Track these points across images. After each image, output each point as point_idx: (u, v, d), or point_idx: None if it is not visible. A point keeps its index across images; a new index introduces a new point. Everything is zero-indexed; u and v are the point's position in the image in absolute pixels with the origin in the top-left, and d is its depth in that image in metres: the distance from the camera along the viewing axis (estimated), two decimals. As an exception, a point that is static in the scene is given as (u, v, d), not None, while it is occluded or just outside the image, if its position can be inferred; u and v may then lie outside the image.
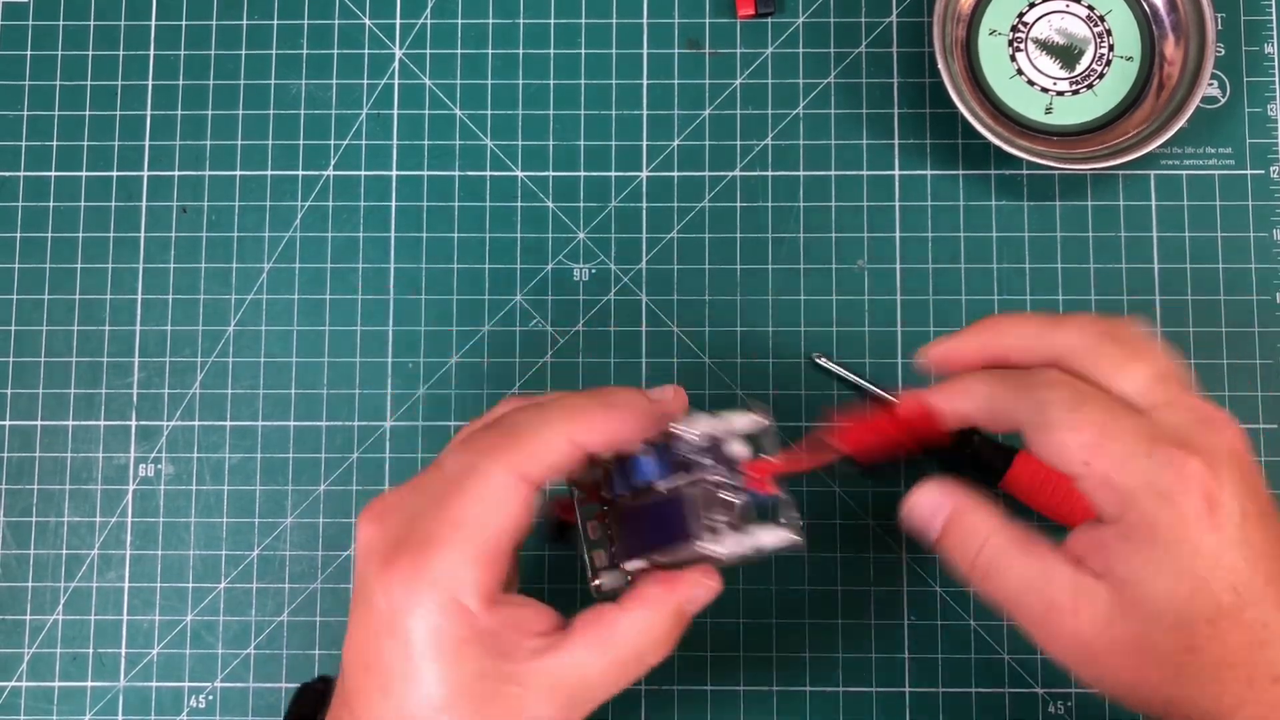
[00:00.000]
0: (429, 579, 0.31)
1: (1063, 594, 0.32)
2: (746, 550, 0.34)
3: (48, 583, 0.48)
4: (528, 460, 0.32)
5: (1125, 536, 0.31)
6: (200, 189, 0.50)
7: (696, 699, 0.47)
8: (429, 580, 0.31)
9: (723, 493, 0.34)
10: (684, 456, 0.34)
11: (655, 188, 0.49)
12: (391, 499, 0.34)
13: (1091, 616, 0.32)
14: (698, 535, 0.33)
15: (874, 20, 0.50)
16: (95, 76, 0.50)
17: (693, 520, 0.33)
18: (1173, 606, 0.31)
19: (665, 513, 0.34)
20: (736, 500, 0.35)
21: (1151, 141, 0.46)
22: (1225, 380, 0.48)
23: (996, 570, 0.33)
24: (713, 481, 0.34)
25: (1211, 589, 0.31)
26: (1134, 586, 0.31)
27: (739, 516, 0.35)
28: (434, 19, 0.50)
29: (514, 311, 0.49)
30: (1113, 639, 0.32)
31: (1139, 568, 0.31)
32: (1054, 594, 0.32)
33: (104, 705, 0.47)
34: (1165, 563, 0.31)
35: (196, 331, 0.49)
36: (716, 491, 0.34)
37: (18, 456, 0.48)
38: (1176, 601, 0.31)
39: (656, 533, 0.34)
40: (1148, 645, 0.31)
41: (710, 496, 0.34)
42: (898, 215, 0.49)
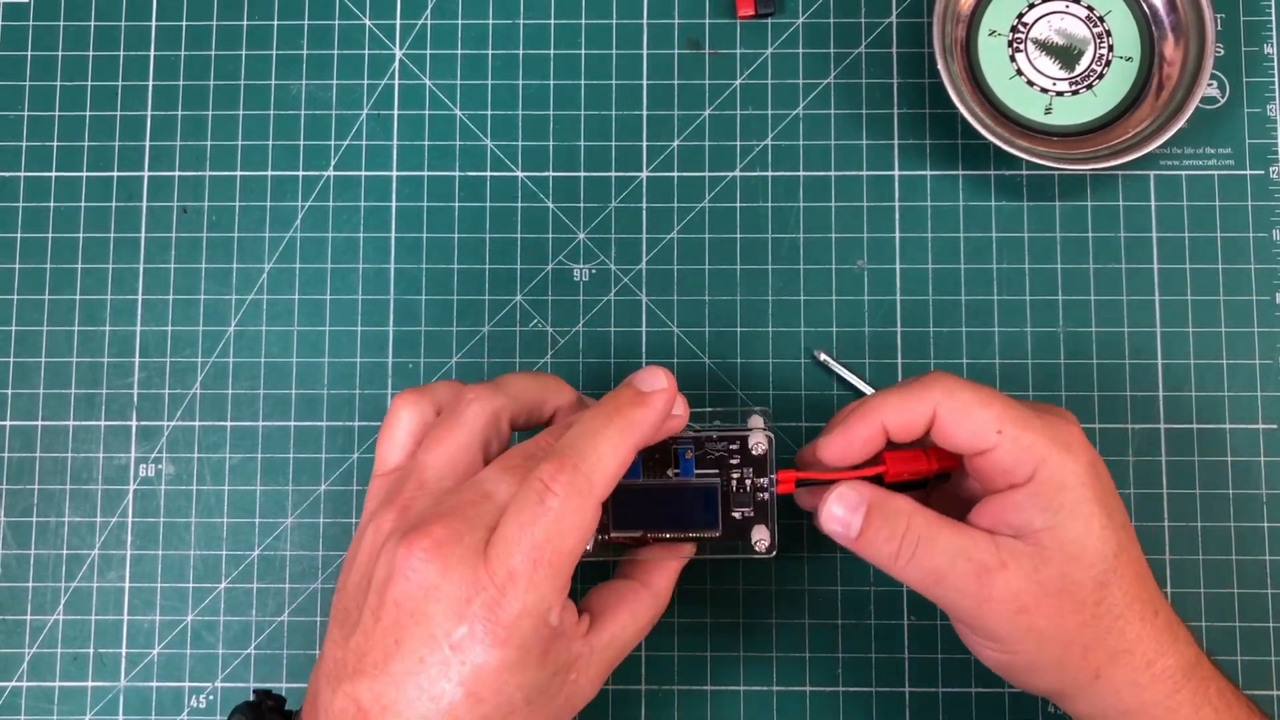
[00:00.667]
0: (519, 610, 0.32)
1: (990, 556, 0.36)
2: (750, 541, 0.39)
3: (48, 583, 0.48)
4: (598, 486, 0.34)
5: (1038, 491, 0.36)
6: (201, 189, 0.50)
7: (696, 699, 0.47)
8: (519, 612, 0.32)
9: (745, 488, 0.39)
10: (716, 453, 0.38)
11: (655, 188, 0.49)
12: (440, 532, 0.33)
13: (1018, 569, 0.35)
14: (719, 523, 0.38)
15: (874, 21, 0.50)
16: (96, 77, 0.50)
17: (724, 508, 0.39)
18: (1088, 545, 0.35)
19: (694, 499, 0.38)
20: (764, 495, 0.39)
21: (1151, 142, 0.46)
22: (1225, 380, 0.48)
23: (924, 546, 0.36)
24: (737, 478, 0.39)
25: (1113, 527, 0.36)
26: (1052, 533, 0.35)
27: (757, 511, 0.39)
28: (434, 19, 0.50)
29: (514, 312, 0.49)
30: (1041, 585, 0.35)
31: (1053, 516, 0.35)
32: (982, 557, 0.36)
33: (104, 705, 0.47)
34: (1078, 507, 0.36)
35: (197, 332, 0.49)
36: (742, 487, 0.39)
37: (18, 456, 0.48)
38: (1090, 540, 0.35)
39: (678, 515, 0.39)
40: (1071, 586, 0.35)
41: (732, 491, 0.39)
42: (897, 215, 0.49)
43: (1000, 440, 0.36)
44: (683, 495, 0.39)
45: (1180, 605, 0.47)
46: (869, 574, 0.47)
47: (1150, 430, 0.48)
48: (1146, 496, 0.47)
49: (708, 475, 0.39)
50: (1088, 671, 0.36)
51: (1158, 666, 0.36)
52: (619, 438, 0.35)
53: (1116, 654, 0.36)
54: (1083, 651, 0.36)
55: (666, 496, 0.39)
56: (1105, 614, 0.36)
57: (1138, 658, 0.36)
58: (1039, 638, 0.36)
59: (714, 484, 0.39)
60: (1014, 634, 0.36)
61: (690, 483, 0.39)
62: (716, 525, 0.39)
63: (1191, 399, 0.48)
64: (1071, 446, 0.36)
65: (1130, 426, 0.48)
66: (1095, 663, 0.36)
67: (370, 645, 0.33)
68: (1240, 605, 0.47)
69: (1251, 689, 0.46)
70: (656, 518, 0.39)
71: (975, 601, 0.36)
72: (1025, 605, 0.36)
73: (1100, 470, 0.37)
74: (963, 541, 0.36)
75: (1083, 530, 0.35)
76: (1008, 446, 0.36)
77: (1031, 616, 0.36)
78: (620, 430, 0.35)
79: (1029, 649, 0.36)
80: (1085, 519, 0.36)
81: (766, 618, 0.47)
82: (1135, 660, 0.36)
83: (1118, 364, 0.48)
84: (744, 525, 0.39)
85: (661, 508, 0.39)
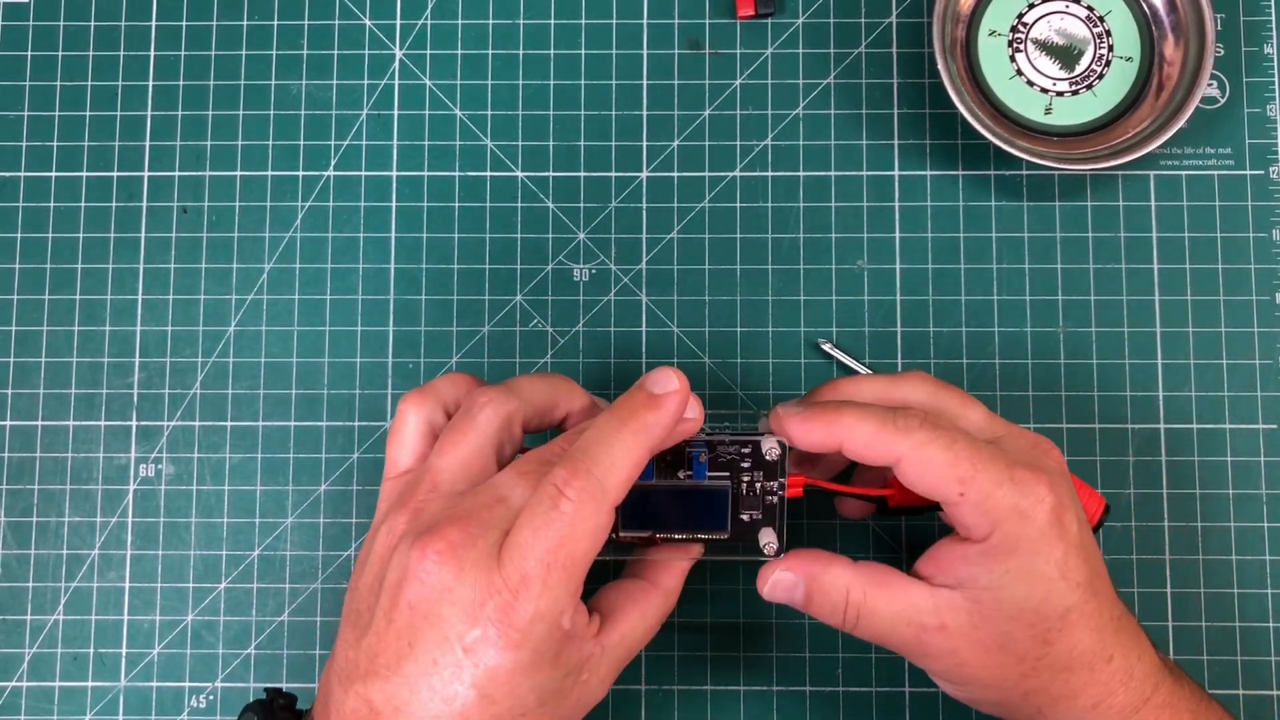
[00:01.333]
0: (533, 614, 0.32)
1: (927, 616, 0.37)
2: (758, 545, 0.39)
3: (48, 583, 0.48)
4: (611, 491, 0.34)
5: (989, 552, 0.36)
6: (201, 189, 0.50)
7: (696, 699, 0.47)
8: (532, 616, 0.32)
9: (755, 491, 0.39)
10: (728, 456, 0.38)
11: (655, 188, 0.49)
12: (454, 534, 0.33)
13: (956, 625, 0.36)
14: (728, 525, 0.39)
15: (874, 21, 0.50)
16: (96, 77, 0.50)
17: (733, 511, 0.39)
18: (1030, 607, 0.36)
19: (704, 501, 0.39)
20: (773, 499, 0.39)
21: (1151, 142, 0.46)
22: (1225, 380, 0.48)
23: (864, 616, 0.37)
24: (748, 481, 0.39)
25: (1063, 589, 0.36)
26: (995, 592, 0.36)
27: (765, 514, 0.39)
28: (434, 20, 0.50)
29: (514, 312, 0.49)
30: (978, 641, 0.36)
31: (1000, 577, 0.36)
32: (920, 619, 0.37)
33: (104, 705, 0.47)
34: (1025, 571, 0.36)
35: (197, 332, 0.49)
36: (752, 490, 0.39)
37: (18, 456, 0.48)
38: (1033, 602, 0.36)
39: (688, 517, 0.39)
40: (1009, 643, 0.36)
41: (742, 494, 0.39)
42: (897, 215, 0.49)
43: (961, 502, 0.36)
44: (693, 497, 0.39)
45: (1180, 605, 0.47)
46: (869, 574, 0.47)
47: (1150, 430, 0.48)
48: (1146, 496, 0.47)
49: (718, 478, 0.39)
50: (1029, 709, 0.37)
51: (1104, 705, 0.37)
52: (632, 442, 0.35)
53: (1058, 699, 0.37)
54: (1023, 696, 0.37)
55: (677, 498, 0.39)
56: (1048, 667, 0.36)
57: (1082, 700, 0.37)
58: (982, 684, 0.37)
59: (725, 486, 0.38)
60: (957, 678, 0.38)
61: (701, 485, 0.39)
62: (725, 527, 0.39)
63: (1191, 399, 0.48)
64: (1029, 511, 0.36)
65: (1130, 427, 0.48)
66: (1037, 703, 0.37)
67: (383, 646, 0.33)
68: (1240, 605, 0.47)
69: (1251, 689, 0.46)
70: (666, 518, 0.39)
71: (917, 657, 0.38)
72: (963, 660, 0.37)
73: (1065, 524, 0.36)
74: (900, 606, 0.37)
75: (1024, 593, 0.36)
76: (966, 509, 0.36)
77: (970, 669, 0.37)
78: (633, 434, 0.35)
79: (974, 692, 0.38)
80: (1030, 582, 0.36)
81: (766, 618, 0.47)
82: (1080, 703, 0.37)
83: (1118, 364, 0.48)
84: (752, 528, 0.39)
85: (671, 508, 0.39)
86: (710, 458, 0.39)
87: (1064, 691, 0.37)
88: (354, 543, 0.48)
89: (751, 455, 0.39)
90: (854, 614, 0.37)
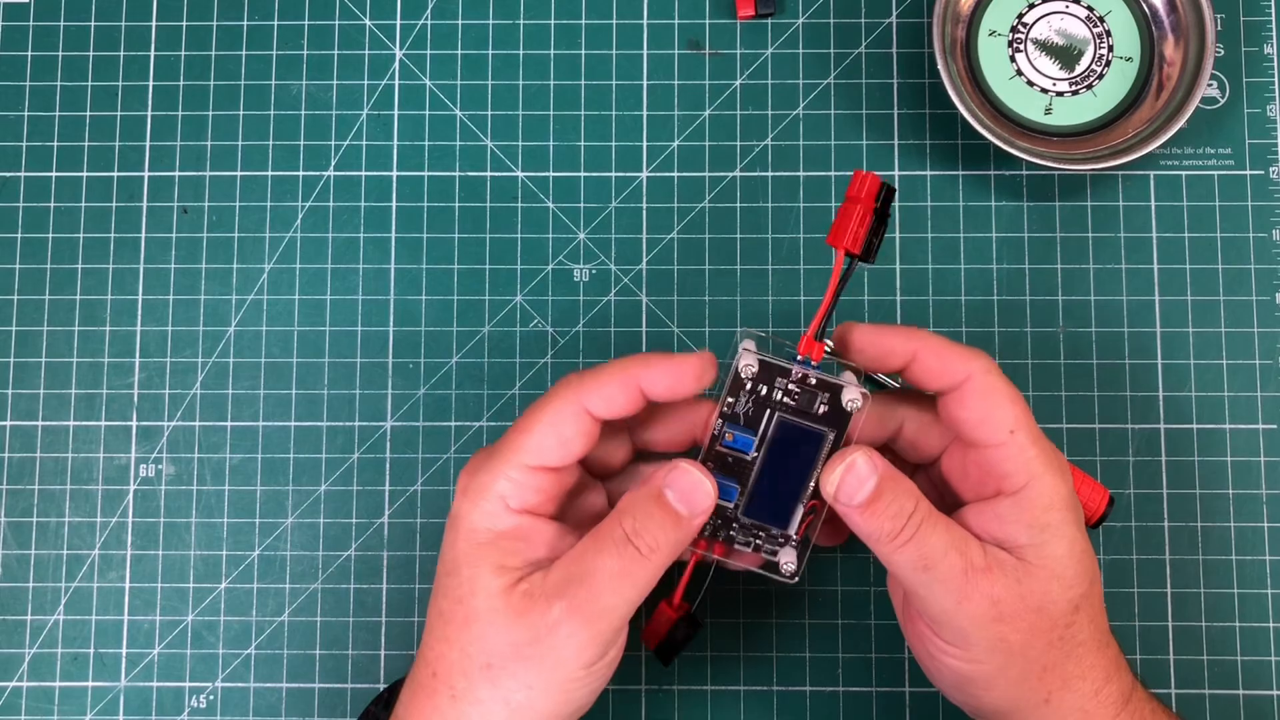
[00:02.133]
0: (485, 475, 0.35)
1: (979, 556, 0.36)
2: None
3: (48, 583, 0.48)
4: (589, 394, 0.35)
5: (1024, 506, 0.36)
6: (201, 189, 0.50)
7: (696, 699, 0.47)
8: (485, 475, 0.35)
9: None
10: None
11: (655, 188, 0.49)
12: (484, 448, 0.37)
13: (1003, 575, 0.35)
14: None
15: (874, 21, 0.50)
16: (96, 77, 0.50)
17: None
18: (1070, 566, 0.36)
19: (798, 442, 0.37)
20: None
21: (1151, 142, 0.46)
22: (1225, 380, 0.48)
23: (924, 530, 0.36)
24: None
25: (1089, 556, 0.36)
26: (1038, 550, 0.36)
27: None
28: (434, 20, 0.50)
29: (514, 312, 0.49)
30: (1022, 597, 0.35)
31: (1039, 533, 0.36)
32: (972, 555, 0.36)
33: (105, 705, 0.47)
34: (1062, 529, 0.36)
35: (197, 332, 0.49)
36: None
37: (18, 457, 0.48)
38: (1072, 562, 0.36)
39: (790, 469, 0.37)
40: (1049, 604, 0.36)
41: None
42: (897, 215, 0.49)
43: (1009, 441, 0.36)
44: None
45: (1180, 606, 0.47)
46: (869, 574, 0.47)
47: (1150, 430, 0.48)
48: (1146, 497, 0.47)
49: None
50: (1041, 693, 0.36)
51: (1103, 693, 0.37)
52: (629, 364, 0.36)
53: (1070, 679, 0.36)
54: (1041, 672, 0.36)
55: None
56: (1071, 638, 0.36)
57: (1088, 684, 0.37)
58: (1007, 650, 0.36)
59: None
60: (983, 641, 0.36)
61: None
62: (807, 483, 0.37)
63: (1191, 399, 0.48)
64: (1064, 470, 0.36)
65: (1130, 427, 0.48)
66: (1050, 685, 0.36)
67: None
68: (1240, 605, 0.47)
69: (1251, 689, 0.46)
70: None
71: (956, 599, 0.35)
72: (1003, 614, 0.35)
73: (1078, 502, 0.37)
74: (956, 535, 0.36)
75: (1066, 551, 0.36)
76: (1012, 451, 0.36)
77: (1005, 627, 0.35)
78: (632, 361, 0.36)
79: (994, 661, 0.36)
80: (1069, 541, 0.36)
81: (767, 618, 0.47)
82: (1085, 687, 0.37)
83: (1118, 364, 0.48)
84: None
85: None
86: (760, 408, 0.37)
87: (1076, 670, 0.36)
88: (354, 543, 0.48)
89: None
90: (915, 524, 0.35)
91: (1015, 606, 0.35)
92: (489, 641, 0.35)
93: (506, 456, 0.35)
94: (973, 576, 0.35)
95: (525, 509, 0.36)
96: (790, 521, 0.38)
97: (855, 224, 0.35)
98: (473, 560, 0.35)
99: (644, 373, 0.36)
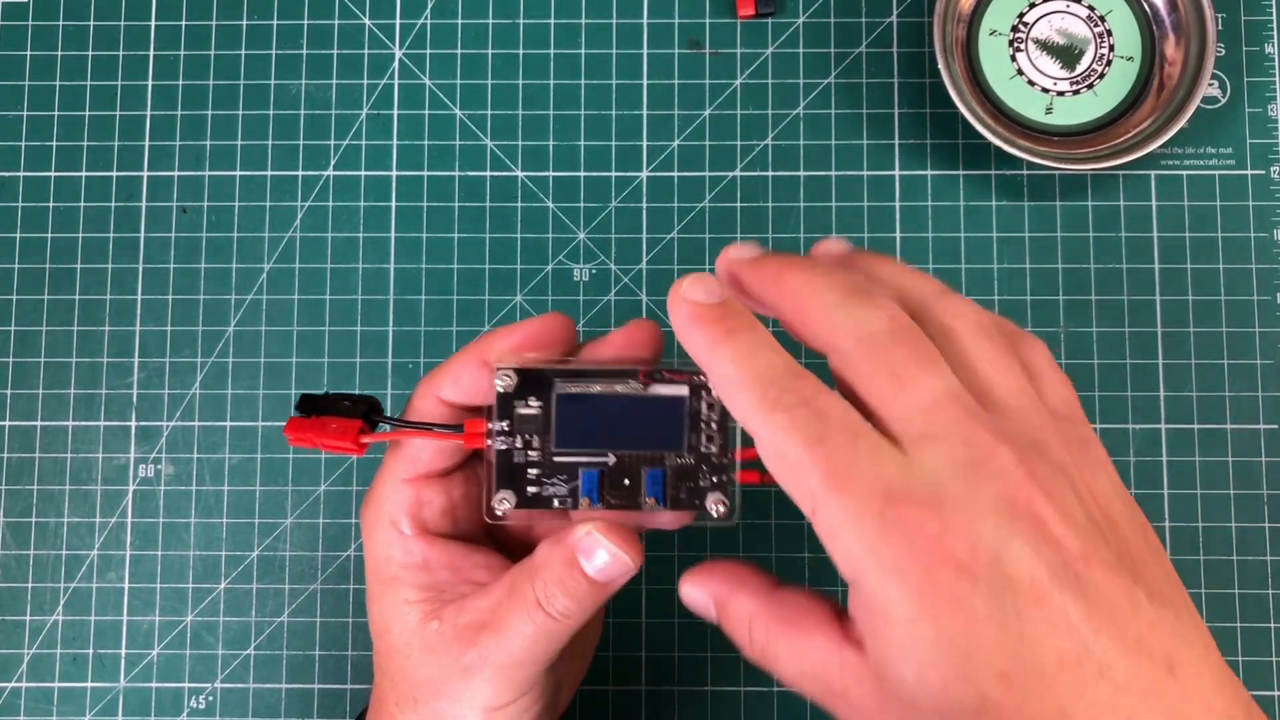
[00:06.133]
0: (374, 504, 0.34)
1: (833, 675, 0.27)
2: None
3: (48, 583, 0.48)
4: (439, 383, 0.34)
5: (865, 608, 0.26)
6: (200, 189, 0.49)
7: (697, 699, 0.47)
8: (374, 505, 0.34)
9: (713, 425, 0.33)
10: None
11: (655, 188, 0.49)
12: None
13: (860, 697, 0.27)
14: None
15: (874, 20, 0.50)
16: (95, 77, 0.50)
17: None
18: (926, 695, 0.25)
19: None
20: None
21: (1152, 142, 0.46)
22: (1225, 380, 0.48)
23: (771, 658, 0.29)
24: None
25: (970, 678, 0.25)
26: (884, 667, 0.26)
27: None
28: (434, 19, 0.50)
29: (514, 312, 0.49)
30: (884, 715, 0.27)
31: (882, 647, 0.26)
32: (825, 676, 0.28)
33: (104, 706, 0.47)
34: (907, 646, 0.25)
35: (196, 332, 0.49)
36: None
37: (18, 457, 0.48)
38: (930, 690, 0.25)
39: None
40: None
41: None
42: (898, 215, 0.49)
43: (815, 522, 0.26)
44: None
45: (1181, 606, 0.47)
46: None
47: (1151, 430, 0.48)
48: (1147, 497, 0.47)
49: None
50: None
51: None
52: (475, 344, 0.33)
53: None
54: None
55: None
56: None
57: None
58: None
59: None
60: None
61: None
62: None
63: (1193, 399, 0.48)
64: (904, 564, 0.25)
65: (1131, 427, 0.48)
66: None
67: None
68: (1241, 606, 0.47)
69: (1252, 689, 0.46)
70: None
71: (837, 716, 0.28)
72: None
73: (973, 591, 0.25)
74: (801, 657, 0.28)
75: (914, 677, 0.25)
76: (822, 534, 0.26)
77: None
78: (479, 340, 0.33)
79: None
80: (918, 665, 0.25)
81: (767, 618, 0.47)
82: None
83: (1119, 364, 0.48)
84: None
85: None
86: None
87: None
88: (354, 543, 0.48)
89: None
90: (759, 652, 0.29)
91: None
92: (410, 674, 0.34)
93: (384, 478, 0.34)
94: (833, 704, 0.28)
95: (421, 530, 0.34)
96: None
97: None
98: (382, 595, 0.34)
99: (486, 348, 0.33)
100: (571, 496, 0.33)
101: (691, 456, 0.32)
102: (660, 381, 0.33)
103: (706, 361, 0.29)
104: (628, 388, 0.33)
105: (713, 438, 0.32)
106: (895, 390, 0.27)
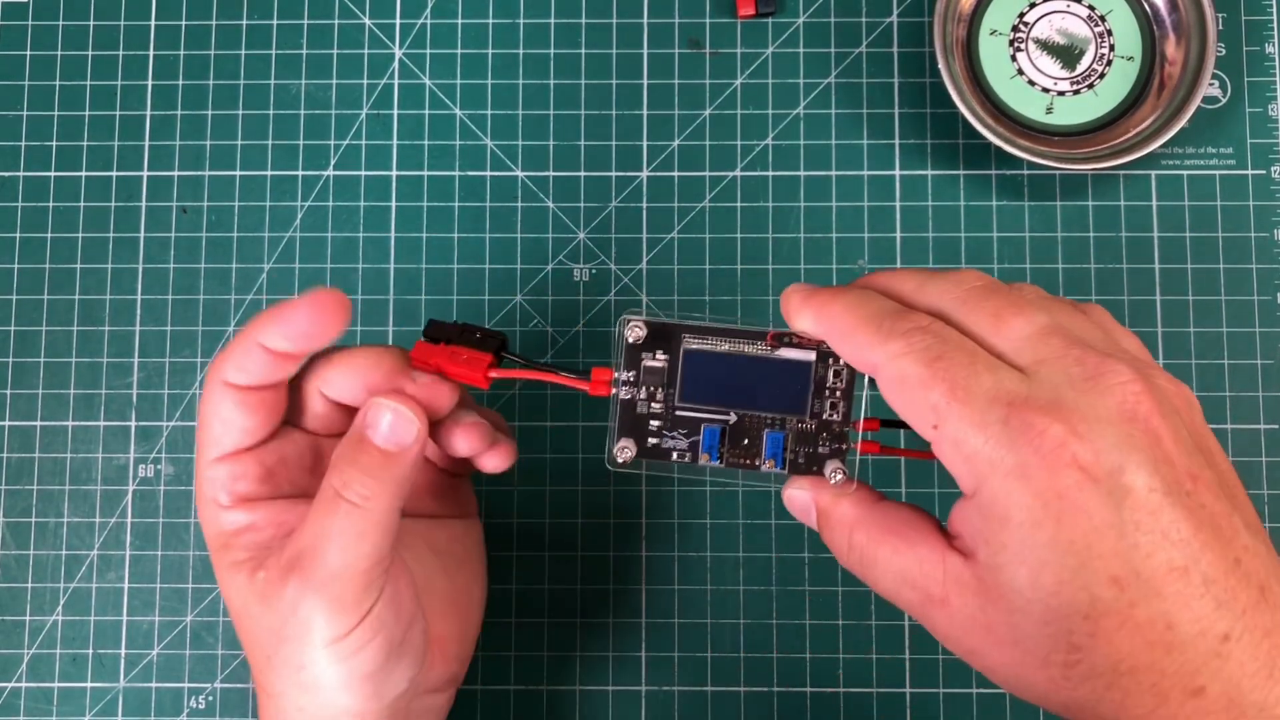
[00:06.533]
0: (196, 497, 0.35)
1: (934, 583, 0.29)
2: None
3: (47, 583, 0.48)
4: (224, 368, 0.33)
5: (983, 515, 0.27)
6: (200, 189, 0.49)
7: (696, 699, 0.47)
8: (197, 488, 0.35)
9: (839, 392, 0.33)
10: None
11: (655, 188, 0.49)
12: None
13: (962, 605, 0.28)
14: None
15: (874, 20, 0.50)
16: (95, 76, 0.50)
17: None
18: (1038, 598, 0.27)
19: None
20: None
21: (1152, 141, 0.46)
22: (1226, 380, 0.48)
23: (869, 564, 0.31)
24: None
25: (1083, 580, 0.26)
26: (995, 572, 0.27)
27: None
28: (434, 19, 0.50)
29: (514, 312, 0.49)
30: (987, 630, 0.28)
31: (997, 552, 0.27)
32: (926, 584, 0.29)
33: (104, 706, 0.47)
34: (1024, 548, 0.27)
35: (196, 332, 0.49)
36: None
37: (17, 457, 0.48)
38: (1041, 593, 0.26)
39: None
40: (1021, 640, 0.27)
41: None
42: (898, 215, 0.49)
43: (936, 438, 0.28)
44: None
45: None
46: (869, 574, 0.47)
47: (1151, 430, 0.48)
48: (1148, 497, 0.47)
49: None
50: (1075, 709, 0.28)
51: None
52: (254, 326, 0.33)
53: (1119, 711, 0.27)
54: (1063, 709, 0.28)
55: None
56: (1083, 682, 0.27)
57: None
58: (1004, 682, 0.29)
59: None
60: (978, 665, 0.29)
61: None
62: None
63: (1193, 399, 0.48)
64: (1030, 467, 0.26)
65: (1131, 427, 0.48)
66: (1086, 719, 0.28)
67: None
68: (1241, 606, 0.47)
69: (1253, 690, 0.46)
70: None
71: (929, 629, 0.30)
72: (973, 648, 0.29)
73: (1092, 496, 0.26)
74: (903, 564, 0.30)
75: (1028, 580, 0.27)
76: (945, 448, 0.28)
77: (984, 659, 0.29)
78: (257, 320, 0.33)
79: (999, 679, 0.29)
80: (1033, 567, 0.27)
81: (767, 618, 0.47)
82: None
83: (1119, 364, 0.48)
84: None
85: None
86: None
87: (1118, 716, 0.27)
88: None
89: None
90: (857, 559, 0.31)
91: (983, 639, 0.28)
92: (255, 635, 0.33)
93: (198, 462, 0.35)
94: (930, 608, 0.29)
95: (238, 500, 0.34)
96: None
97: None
98: (219, 568, 0.35)
99: (260, 332, 0.33)
100: (691, 451, 0.34)
101: (813, 422, 0.33)
102: (789, 345, 0.34)
103: (823, 324, 0.31)
104: (755, 349, 0.34)
105: (836, 405, 0.33)
106: (999, 326, 0.29)
